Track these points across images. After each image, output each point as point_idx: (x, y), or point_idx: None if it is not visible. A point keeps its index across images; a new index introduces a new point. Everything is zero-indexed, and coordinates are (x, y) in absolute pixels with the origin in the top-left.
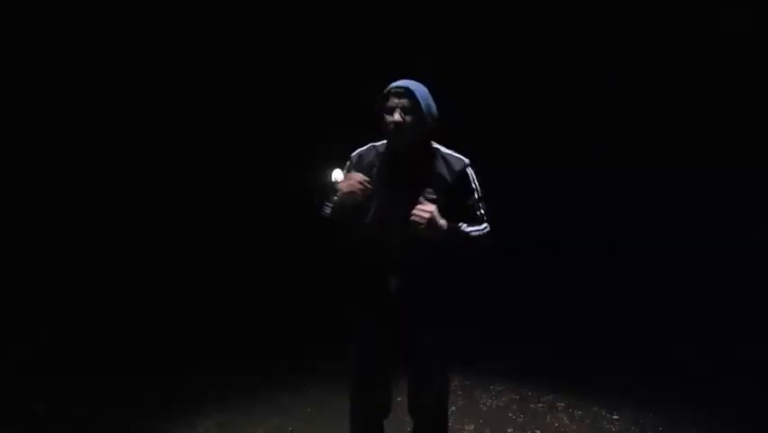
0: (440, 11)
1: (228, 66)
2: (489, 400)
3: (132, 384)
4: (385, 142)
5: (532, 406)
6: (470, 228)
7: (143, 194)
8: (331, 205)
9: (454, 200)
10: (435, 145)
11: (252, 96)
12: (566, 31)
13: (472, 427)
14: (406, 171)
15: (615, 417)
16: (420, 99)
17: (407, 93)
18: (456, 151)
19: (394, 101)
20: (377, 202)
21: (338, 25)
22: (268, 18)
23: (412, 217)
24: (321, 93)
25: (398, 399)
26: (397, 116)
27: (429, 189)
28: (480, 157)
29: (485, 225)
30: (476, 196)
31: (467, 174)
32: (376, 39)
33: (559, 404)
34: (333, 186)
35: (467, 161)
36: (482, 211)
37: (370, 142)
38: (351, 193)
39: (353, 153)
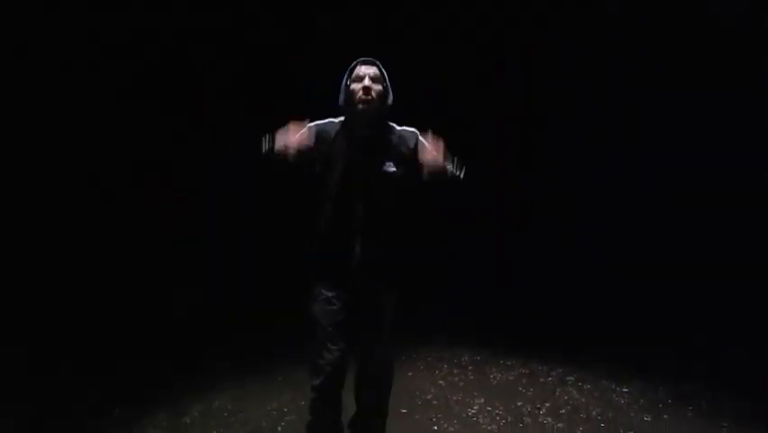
0: (440, 11)
1: (228, 66)
2: (500, 375)
3: (141, 365)
4: (343, 118)
5: (542, 380)
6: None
7: (142, 194)
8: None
9: (415, 168)
10: (390, 123)
11: (252, 96)
12: (566, 30)
13: (483, 400)
14: (365, 146)
15: (624, 390)
16: (385, 71)
17: (375, 64)
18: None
19: (362, 69)
20: (338, 174)
21: (338, 25)
22: (268, 18)
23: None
24: (320, 94)
25: None
26: (367, 81)
27: (389, 163)
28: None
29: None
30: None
31: (415, 138)
32: (376, 39)
33: (568, 378)
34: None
35: (417, 131)
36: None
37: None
38: (289, 146)
39: (311, 124)
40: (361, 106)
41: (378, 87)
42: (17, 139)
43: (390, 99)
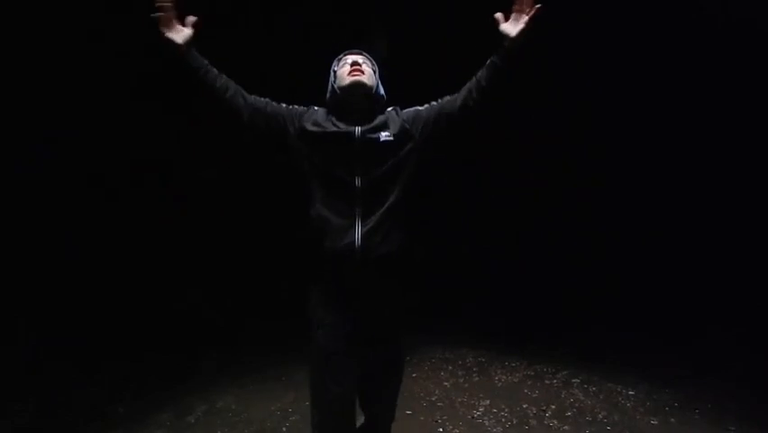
0: (441, 11)
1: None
2: (504, 376)
3: (144, 365)
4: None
5: (547, 382)
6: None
7: (141, 194)
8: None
9: (413, 138)
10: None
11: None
12: (567, 29)
13: (488, 402)
14: (357, 121)
15: (630, 392)
16: (373, 61)
17: (361, 53)
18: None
19: (349, 57)
20: (331, 152)
21: (338, 25)
22: (267, 18)
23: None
24: (321, 94)
25: None
26: (357, 58)
27: (383, 133)
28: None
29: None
30: (423, 105)
31: (402, 112)
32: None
33: (574, 380)
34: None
35: (391, 107)
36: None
37: None
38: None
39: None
40: (351, 80)
41: (368, 68)
42: (18, 139)
43: (382, 92)
